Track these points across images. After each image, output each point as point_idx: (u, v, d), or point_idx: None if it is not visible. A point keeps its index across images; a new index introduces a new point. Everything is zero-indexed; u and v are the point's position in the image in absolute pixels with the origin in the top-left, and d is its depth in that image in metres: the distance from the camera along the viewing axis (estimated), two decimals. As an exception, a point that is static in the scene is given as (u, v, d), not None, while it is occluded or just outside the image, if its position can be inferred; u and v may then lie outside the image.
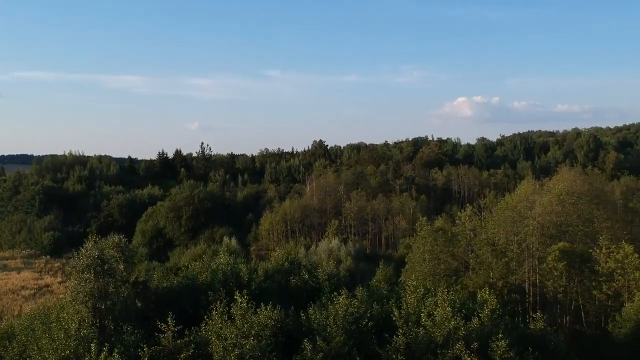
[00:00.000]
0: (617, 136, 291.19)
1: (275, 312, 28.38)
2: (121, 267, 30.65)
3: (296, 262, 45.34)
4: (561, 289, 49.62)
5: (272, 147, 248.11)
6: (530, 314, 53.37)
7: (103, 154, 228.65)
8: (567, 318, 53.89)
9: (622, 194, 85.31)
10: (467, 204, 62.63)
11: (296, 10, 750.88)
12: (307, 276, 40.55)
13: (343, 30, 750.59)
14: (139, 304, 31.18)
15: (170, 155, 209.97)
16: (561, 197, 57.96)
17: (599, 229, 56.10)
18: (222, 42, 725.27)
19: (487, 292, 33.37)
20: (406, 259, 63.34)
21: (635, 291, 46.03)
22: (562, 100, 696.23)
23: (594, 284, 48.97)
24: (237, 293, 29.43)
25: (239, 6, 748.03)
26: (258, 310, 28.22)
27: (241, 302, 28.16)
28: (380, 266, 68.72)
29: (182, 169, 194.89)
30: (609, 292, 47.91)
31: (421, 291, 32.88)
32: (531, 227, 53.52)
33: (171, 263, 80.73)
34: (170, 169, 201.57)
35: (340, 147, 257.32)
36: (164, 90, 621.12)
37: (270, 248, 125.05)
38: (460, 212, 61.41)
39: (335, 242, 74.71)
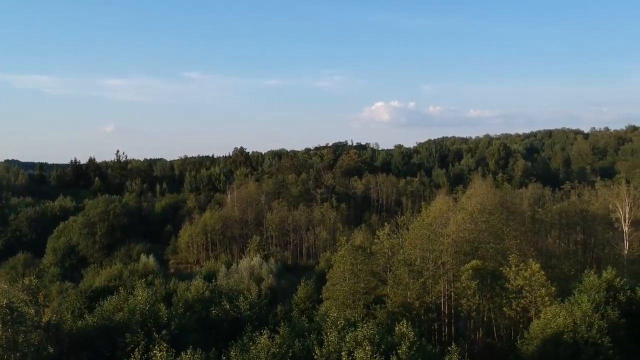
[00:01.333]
0: (525, 142, 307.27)
1: (196, 356, 27.91)
2: (32, 311, 29.20)
3: (217, 290, 44.76)
4: (474, 306, 51.77)
5: (193, 152, 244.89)
6: (446, 331, 55.55)
7: (10, 158, 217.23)
8: (480, 332, 56.29)
9: (529, 205, 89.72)
10: (385, 223, 63.94)
11: (216, 11, 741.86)
12: (228, 306, 40.23)
13: (264, 32, 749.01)
14: (51, 350, 29.78)
15: (84, 160, 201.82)
16: (474, 215, 60.45)
17: (508, 245, 58.89)
18: (138, 41, 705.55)
19: (406, 325, 34.24)
20: (327, 276, 63.89)
21: (541, 307, 48.68)
22: (475, 106, 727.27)
23: (504, 300, 51.34)
24: (155, 336, 28.74)
25: (154, 5, 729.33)
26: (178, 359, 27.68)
27: (160, 351, 27.48)
28: (302, 283, 69.17)
29: (97, 178, 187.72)
30: (518, 309, 50.43)
31: (342, 323, 33.30)
32: (446, 245, 55.54)
33: (86, 284, 77.46)
34: (83, 177, 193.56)
35: (262, 154, 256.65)
36: (76, 91, 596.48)
37: (190, 261, 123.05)
38: (380, 229, 62.68)
39: (256, 259, 74.29)
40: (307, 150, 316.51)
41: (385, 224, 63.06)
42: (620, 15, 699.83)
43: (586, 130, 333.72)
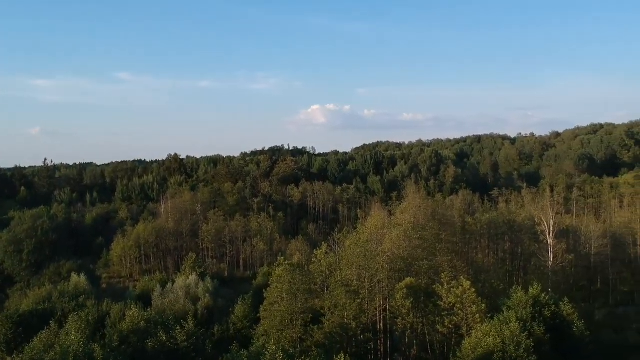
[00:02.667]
0: (456, 148, 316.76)
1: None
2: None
3: (152, 320, 43.89)
4: (409, 325, 53.07)
5: (125, 156, 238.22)
6: (382, 349, 56.63)
7: None
8: (415, 347, 57.73)
9: (460, 217, 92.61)
10: (322, 242, 64.44)
11: (147, 10, 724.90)
12: (164, 337, 39.61)
13: (196, 33, 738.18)
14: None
15: (8, 165, 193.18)
16: (408, 232, 61.95)
17: (441, 262, 60.67)
18: (64, 39, 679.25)
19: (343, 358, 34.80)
20: (265, 294, 63.72)
21: (472, 324, 50.48)
22: (408, 109, 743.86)
23: (437, 318, 52.91)
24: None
25: (81, 2, 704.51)
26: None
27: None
28: (239, 302, 68.74)
29: (23, 188, 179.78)
30: (450, 326, 52.07)
31: (280, 356, 33.50)
32: (381, 263, 56.65)
33: (12, 306, 74.10)
34: (8, 187, 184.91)
35: (197, 159, 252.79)
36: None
37: (123, 275, 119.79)
38: (317, 248, 63.06)
39: (192, 277, 73.15)
40: (244, 155, 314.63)
41: (322, 242, 63.45)
42: (541, 22, 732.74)
43: (513, 135, 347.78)
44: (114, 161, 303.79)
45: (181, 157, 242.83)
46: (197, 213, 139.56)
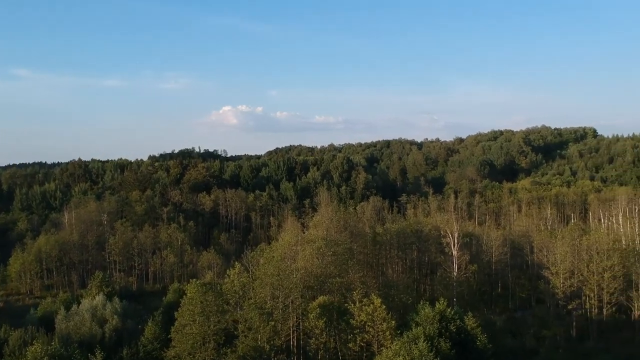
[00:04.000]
0: (366, 152, 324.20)
1: None
2: None
3: (57, 354, 41.99)
4: (322, 344, 53.85)
5: (24, 158, 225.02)
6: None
7: None
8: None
9: (370, 228, 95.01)
10: (235, 262, 64.03)
11: (48, 4, 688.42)
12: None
13: (101, 30, 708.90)
14: None
15: None
16: (321, 250, 62.86)
17: (352, 279, 62.02)
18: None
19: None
20: (176, 314, 62.36)
21: (383, 341, 52.01)
22: (320, 112, 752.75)
23: (349, 336, 54.07)
24: None
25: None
26: None
27: None
28: (149, 322, 66.82)
29: None
30: (362, 344, 53.38)
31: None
32: (295, 282, 57.13)
33: None
34: None
35: (103, 164, 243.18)
36: None
37: (22, 292, 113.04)
38: (230, 269, 62.47)
39: (99, 298, 70.38)
40: (153, 158, 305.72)
41: (236, 263, 63.01)
42: (447, 28, 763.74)
43: (420, 139, 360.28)
44: (11, 164, 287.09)
45: (86, 162, 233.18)
46: (103, 224, 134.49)
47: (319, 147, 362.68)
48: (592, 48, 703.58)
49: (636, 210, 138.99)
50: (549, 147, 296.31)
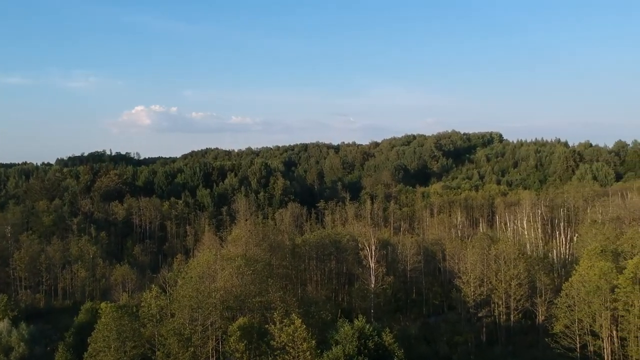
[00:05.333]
0: (284, 156, 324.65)
1: None
2: None
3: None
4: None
5: None
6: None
7: None
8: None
9: (290, 240, 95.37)
10: (153, 285, 62.39)
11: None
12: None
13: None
14: None
15: None
16: (240, 269, 62.40)
17: (273, 298, 61.98)
18: None
19: None
20: (89, 339, 59.98)
21: (303, 362, 52.35)
22: (237, 113, 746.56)
23: (270, 358, 53.99)
24: None
25: None
26: None
27: None
28: (59, 349, 63.87)
29: None
30: (283, 365, 53.44)
31: None
32: (214, 304, 56.44)
33: None
34: None
35: (6, 169, 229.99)
36: None
37: None
38: (146, 291, 60.80)
39: (4, 324, 66.37)
40: (61, 162, 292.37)
41: (153, 285, 61.40)
42: (360, 31, 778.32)
43: (337, 142, 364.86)
44: None
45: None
46: (6, 237, 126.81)
47: (236, 150, 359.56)
48: (498, 53, 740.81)
49: (539, 214, 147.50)
50: (458, 152, 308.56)
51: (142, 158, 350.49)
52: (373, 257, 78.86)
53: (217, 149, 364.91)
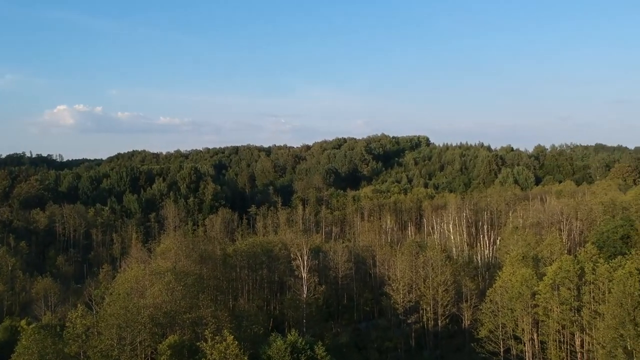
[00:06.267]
0: (214, 159, 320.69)
1: None
2: None
3: None
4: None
5: None
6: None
7: None
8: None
9: (221, 249, 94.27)
10: (78, 304, 60.05)
11: None
12: None
13: None
14: None
15: None
16: (170, 285, 61.13)
17: (205, 314, 61.06)
18: None
19: None
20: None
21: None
22: (165, 113, 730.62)
23: (202, 376, 53.21)
24: None
25: None
26: None
27: None
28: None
29: None
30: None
31: None
32: (143, 322, 55.02)
33: None
34: None
35: None
36: None
37: None
38: (72, 310, 58.41)
39: None
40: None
41: (78, 305, 59.09)
42: (289, 33, 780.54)
43: (268, 144, 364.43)
44: None
45: None
46: None
47: (164, 153, 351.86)
48: (425, 56, 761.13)
49: (464, 217, 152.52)
50: (388, 155, 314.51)
51: (65, 160, 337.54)
52: (305, 267, 79.20)
53: (144, 151, 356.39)
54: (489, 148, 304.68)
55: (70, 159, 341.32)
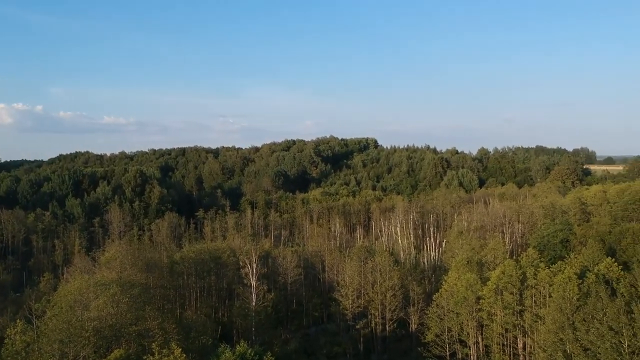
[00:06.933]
0: (160, 161, 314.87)
1: None
2: None
3: None
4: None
5: None
6: None
7: None
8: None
9: (168, 257, 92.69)
10: (18, 320, 57.71)
11: None
12: None
13: None
14: None
15: None
16: (116, 297, 59.67)
17: (151, 326, 59.88)
18: None
19: None
20: None
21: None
22: (109, 112, 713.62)
23: (149, 391, 52.18)
24: None
25: None
26: None
27: None
28: None
29: None
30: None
31: None
32: (86, 336, 53.53)
33: None
34: None
35: None
36: None
37: None
38: (11, 327, 56.18)
39: None
40: None
41: (18, 320, 56.84)
42: (239, 33, 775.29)
43: (216, 145, 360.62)
44: None
45: None
46: None
47: (108, 154, 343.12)
48: (372, 59, 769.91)
49: (411, 219, 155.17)
50: (337, 157, 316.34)
51: (3, 161, 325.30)
52: (254, 275, 78.69)
53: (87, 152, 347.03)
54: (435, 150, 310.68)
55: (8, 160, 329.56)
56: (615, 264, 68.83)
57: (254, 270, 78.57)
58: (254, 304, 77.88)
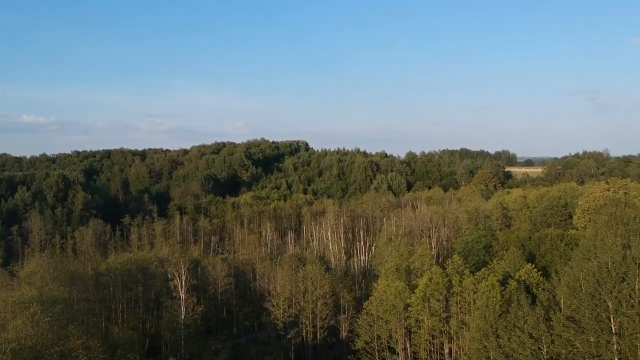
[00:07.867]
0: (84, 164, 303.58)
1: None
2: None
3: None
4: None
5: None
6: None
7: None
8: None
9: (92, 269, 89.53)
10: None
11: None
12: None
13: None
14: None
15: None
16: (36, 317, 57.05)
17: (75, 345, 57.64)
18: None
19: None
20: None
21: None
22: (29, 112, 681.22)
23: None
24: None
25: None
26: None
27: None
28: None
29: None
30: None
31: None
32: (4, 359, 51.00)
33: None
34: None
35: None
36: None
37: None
38: None
39: None
40: None
41: None
42: (171, 32, 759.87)
43: (142, 146, 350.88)
44: None
45: None
46: None
47: (28, 156, 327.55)
48: (303, 61, 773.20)
49: (342, 223, 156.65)
50: (267, 160, 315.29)
51: None
52: (183, 287, 77.30)
53: (5, 154, 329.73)
54: (365, 154, 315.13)
55: None
56: (535, 269, 72.38)
57: (183, 283, 77.19)
58: (183, 317, 76.54)
